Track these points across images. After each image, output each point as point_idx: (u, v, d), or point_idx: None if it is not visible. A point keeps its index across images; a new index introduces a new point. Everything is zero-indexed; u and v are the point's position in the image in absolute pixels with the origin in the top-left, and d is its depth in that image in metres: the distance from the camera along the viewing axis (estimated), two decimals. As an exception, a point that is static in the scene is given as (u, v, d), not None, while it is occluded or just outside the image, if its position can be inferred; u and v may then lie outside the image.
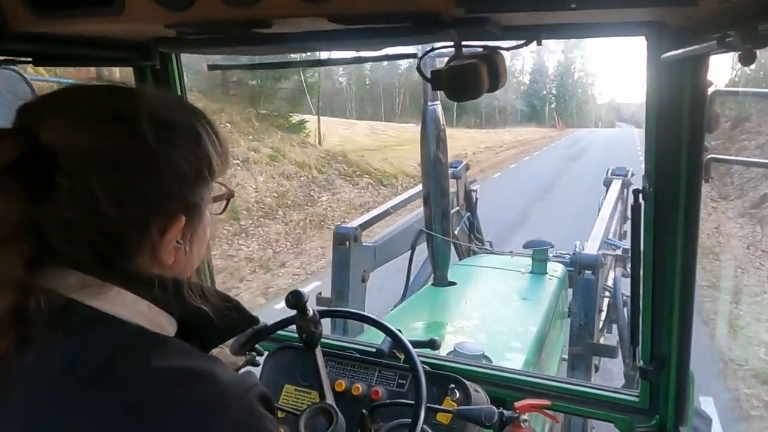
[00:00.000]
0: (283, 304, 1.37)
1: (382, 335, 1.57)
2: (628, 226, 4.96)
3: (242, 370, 1.48)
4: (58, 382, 0.62)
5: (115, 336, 0.65)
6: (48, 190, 0.64)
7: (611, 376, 4.43)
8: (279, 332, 1.60)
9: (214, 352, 1.20)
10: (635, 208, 1.36)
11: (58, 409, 0.61)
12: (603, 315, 3.96)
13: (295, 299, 1.32)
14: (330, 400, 1.28)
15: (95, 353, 0.63)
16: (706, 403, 4.59)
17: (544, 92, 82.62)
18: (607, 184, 5.94)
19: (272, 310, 6.50)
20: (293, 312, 1.37)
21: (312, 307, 1.36)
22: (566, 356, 3.50)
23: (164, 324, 0.72)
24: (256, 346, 1.54)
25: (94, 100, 0.71)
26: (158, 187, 0.70)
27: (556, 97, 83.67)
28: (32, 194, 0.63)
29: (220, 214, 0.83)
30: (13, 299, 0.62)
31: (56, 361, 0.63)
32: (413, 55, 1.26)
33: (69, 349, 0.63)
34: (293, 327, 1.43)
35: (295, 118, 18.78)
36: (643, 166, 1.37)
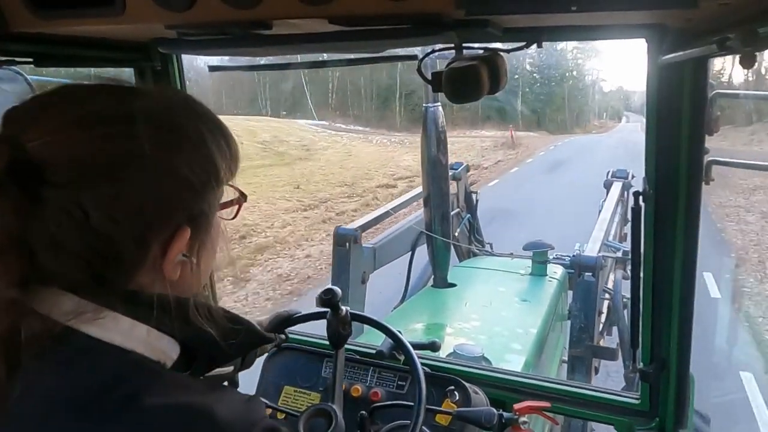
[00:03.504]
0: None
1: (381, 337, 1.57)
2: (628, 228, 4.96)
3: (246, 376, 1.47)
4: (47, 415, 0.58)
5: (108, 367, 0.61)
6: (35, 204, 0.59)
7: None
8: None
9: None
10: (635, 210, 1.36)
11: None
12: (603, 317, 3.96)
13: (329, 297, 1.31)
14: (338, 401, 1.27)
15: (86, 386, 0.59)
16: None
17: (516, 79, 49.13)
18: (608, 186, 5.95)
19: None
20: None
21: (345, 307, 1.34)
22: (566, 358, 3.50)
23: (165, 348, 0.67)
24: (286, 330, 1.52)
25: (84, 102, 0.65)
26: (158, 198, 0.64)
27: (536, 90, 54.72)
28: (18, 209, 0.58)
29: (232, 219, 0.77)
30: (4, 322, 0.58)
31: (47, 393, 0.59)
32: (414, 57, 1.26)
33: (60, 380, 0.59)
34: (294, 328, 1.43)
35: None
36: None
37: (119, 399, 0.58)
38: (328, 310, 1.33)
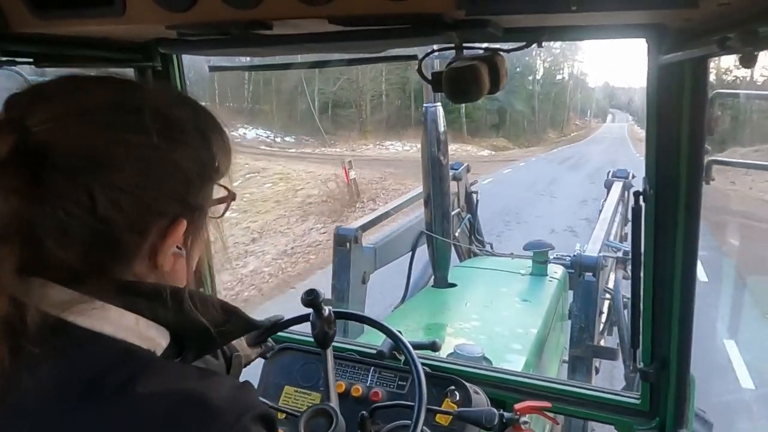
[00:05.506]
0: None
1: (382, 337, 1.57)
2: (628, 228, 4.97)
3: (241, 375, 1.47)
4: (42, 405, 0.59)
5: (99, 357, 0.61)
6: (41, 188, 0.59)
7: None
8: (280, 333, 1.60)
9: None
10: (636, 210, 1.36)
11: None
12: (603, 317, 3.96)
13: (311, 297, 1.30)
14: (334, 401, 1.28)
15: (79, 376, 0.59)
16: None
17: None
18: (608, 186, 5.95)
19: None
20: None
21: (328, 306, 1.34)
22: (567, 358, 3.50)
23: (154, 336, 0.68)
24: (270, 338, 1.53)
25: (90, 91, 0.66)
26: (160, 189, 0.65)
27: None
28: (24, 193, 0.58)
29: (220, 217, 0.79)
30: (4, 306, 0.58)
31: (42, 384, 0.59)
32: (414, 57, 1.26)
33: (54, 371, 0.59)
34: (294, 328, 1.43)
35: None
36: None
37: (111, 388, 0.59)
38: (311, 311, 1.33)
